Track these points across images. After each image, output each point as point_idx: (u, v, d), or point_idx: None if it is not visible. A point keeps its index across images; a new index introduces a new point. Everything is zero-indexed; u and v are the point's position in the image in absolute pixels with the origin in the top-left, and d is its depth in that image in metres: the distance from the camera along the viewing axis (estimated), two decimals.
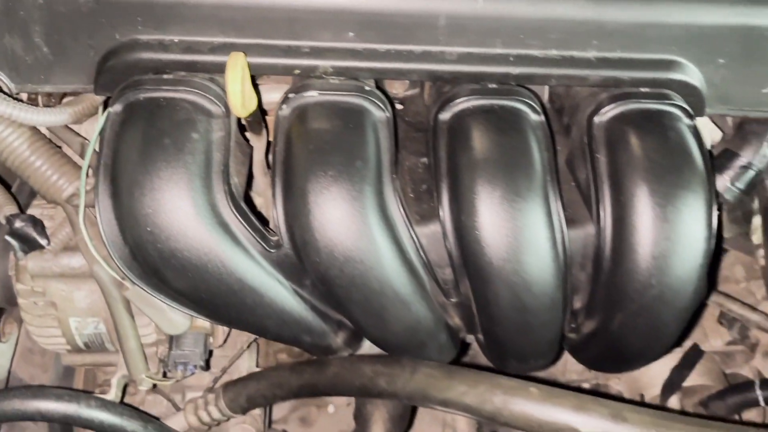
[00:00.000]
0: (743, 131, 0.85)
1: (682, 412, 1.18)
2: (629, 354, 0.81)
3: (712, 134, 0.86)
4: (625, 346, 0.79)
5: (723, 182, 0.84)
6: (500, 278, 0.70)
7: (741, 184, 0.85)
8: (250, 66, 0.74)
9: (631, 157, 0.72)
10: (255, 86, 0.75)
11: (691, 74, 0.78)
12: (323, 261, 0.69)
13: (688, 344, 1.31)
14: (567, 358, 1.32)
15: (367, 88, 0.74)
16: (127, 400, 1.09)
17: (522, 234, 0.69)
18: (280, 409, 1.63)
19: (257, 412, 1.15)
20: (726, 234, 1.04)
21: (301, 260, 0.71)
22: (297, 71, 0.76)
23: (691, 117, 0.77)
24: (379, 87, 0.83)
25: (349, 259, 0.68)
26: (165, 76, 0.73)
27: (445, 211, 0.72)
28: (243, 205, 0.72)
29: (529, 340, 0.77)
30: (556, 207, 0.72)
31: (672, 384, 1.20)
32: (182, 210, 0.67)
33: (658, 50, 0.77)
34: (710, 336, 1.35)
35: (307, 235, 0.69)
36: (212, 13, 0.74)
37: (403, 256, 0.72)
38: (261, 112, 0.81)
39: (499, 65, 0.76)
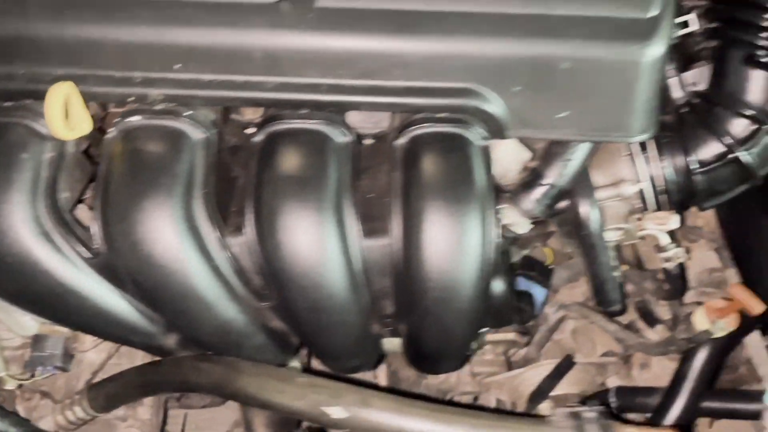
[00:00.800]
0: (547, 152, 0.93)
1: None
2: (430, 354, 0.88)
3: (520, 155, 0.94)
4: (424, 347, 0.87)
5: (530, 199, 0.92)
6: (295, 283, 0.78)
7: (546, 200, 0.92)
8: (90, 94, 0.83)
9: (417, 174, 0.81)
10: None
11: (488, 101, 0.86)
12: (132, 266, 0.77)
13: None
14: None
15: (187, 112, 0.83)
16: (22, 405, 1.17)
17: (313, 243, 0.77)
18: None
19: (146, 416, 1.23)
20: (569, 249, 1.11)
21: (117, 266, 0.79)
22: (131, 99, 0.85)
23: (485, 139, 0.85)
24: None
25: (153, 265, 0.77)
26: (7, 104, 0.83)
27: (249, 223, 0.81)
28: (68, 216, 0.80)
29: (333, 341, 0.84)
30: (350, 219, 0.80)
31: (540, 392, 1.27)
32: (6, 221, 0.76)
33: (456, 79, 0.85)
34: (598, 349, 1.42)
35: (118, 243, 0.77)
36: (55, 48, 0.84)
37: (210, 263, 0.80)
38: None
39: (313, 93, 0.85)
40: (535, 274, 1.20)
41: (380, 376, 1.43)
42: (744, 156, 0.93)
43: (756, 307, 0.99)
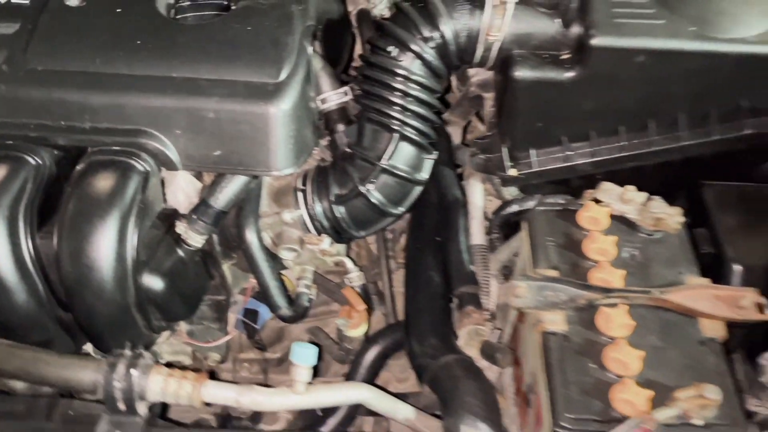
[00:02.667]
0: (212, 182, 1.20)
1: None
2: (88, 331, 1.12)
3: (193, 183, 1.21)
4: (81, 324, 1.10)
5: (197, 218, 1.18)
6: None
7: (209, 219, 1.18)
8: None
9: (76, 187, 1.08)
10: None
11: (157, 140, 1.13)
12: None
13: None
14: None
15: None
16: None
17: None
18: None
19: None
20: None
21: None
22: None
23: (151, 169, 1.12)
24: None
25: None
26: None
27: None
28: None
29: (5, 317, 1.09)
30: (22, 222, 1.06)
31: None
32: None
33: (131, 123, 1.14)
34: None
35: None
36: None
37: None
38: None
39: (20, 130, 1.14)
40: None
41: None
42: (367, 192, 1.20)
43: (358, 305, 1.22)
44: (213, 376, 0.97)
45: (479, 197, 1.36)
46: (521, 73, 1.18)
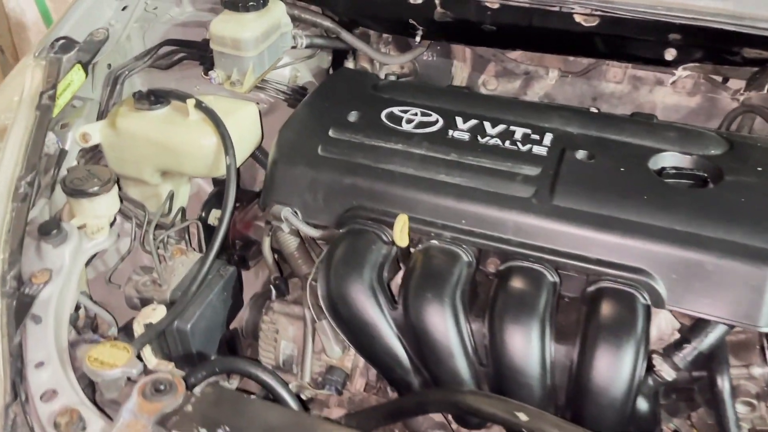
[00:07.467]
0: (694, 325, 1.32)
1: None
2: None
3: (672, 323, 1.34)
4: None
5: (678, 355, 1.30)
6: None
7: (689, 359, 1.30)
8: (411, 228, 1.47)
9: (587, 309, 1.28)
10: None
11: (653, 279, 1.31)
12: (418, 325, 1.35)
13: None
14: None
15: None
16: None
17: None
18: None
19: None
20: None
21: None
22: (432, 234, 1.47)
23: (647, 302, 1.29)
24: None
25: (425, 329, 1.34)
26: (371, 222, 1.50)
27: None
28: (384, 286, 1.41)
29: None
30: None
31: None
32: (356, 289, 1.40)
33: (635, 261, 1.33)
34: None
35: (411, 305, 1.35)
36: (398, 201, 1.51)
37: (461, 334, 1.35)
38: None
39: (533, 251, 1.39)
40: None
41: None
42: None
43: None
44: None
45: None
46: None
